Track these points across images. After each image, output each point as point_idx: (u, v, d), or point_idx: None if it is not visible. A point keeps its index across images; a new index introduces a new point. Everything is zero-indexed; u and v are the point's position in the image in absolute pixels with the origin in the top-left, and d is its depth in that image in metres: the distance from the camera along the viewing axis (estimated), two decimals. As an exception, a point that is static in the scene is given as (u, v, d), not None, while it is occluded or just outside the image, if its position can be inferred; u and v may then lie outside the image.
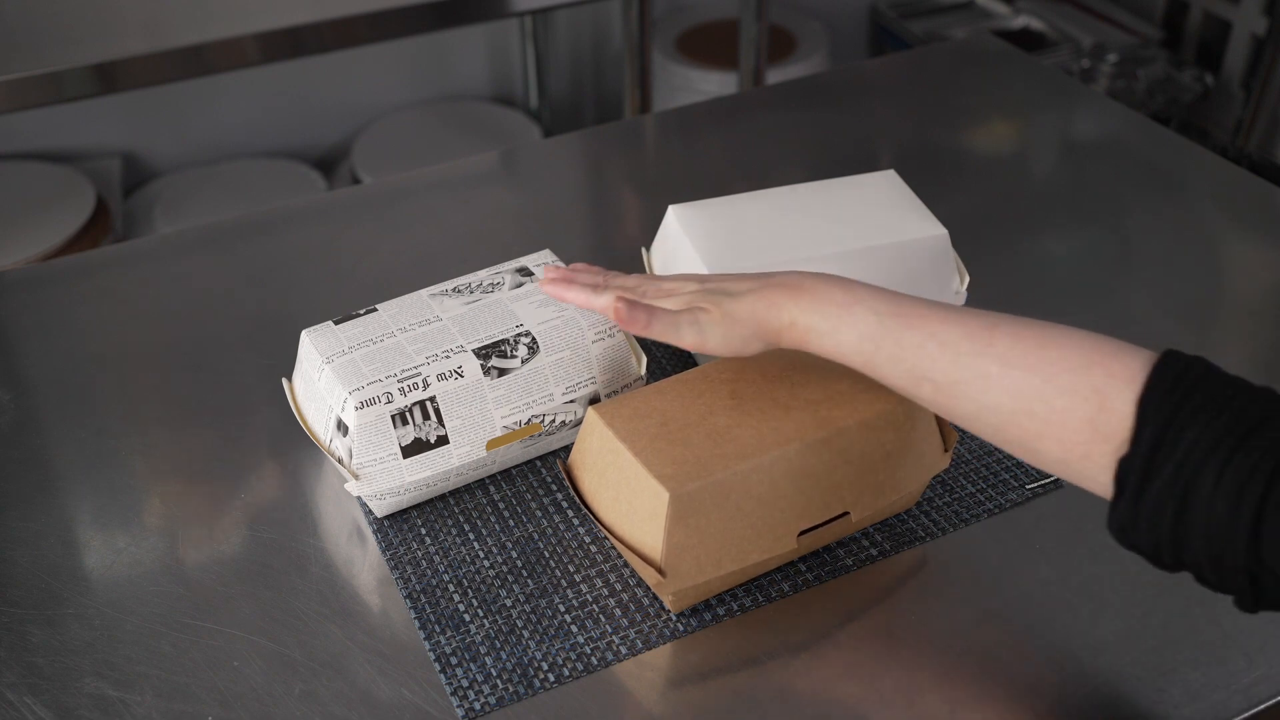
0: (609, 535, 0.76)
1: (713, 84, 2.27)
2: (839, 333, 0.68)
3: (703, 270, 0.90)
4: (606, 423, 0.75)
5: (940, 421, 0.81)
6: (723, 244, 0.92)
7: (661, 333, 0.73)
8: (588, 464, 0.78)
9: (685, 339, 0.72)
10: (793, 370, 0.79)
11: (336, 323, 0.86)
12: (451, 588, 0.79)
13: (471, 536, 0.83)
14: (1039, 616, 0.77)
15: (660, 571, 0.72)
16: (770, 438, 0.74)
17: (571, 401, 0.85)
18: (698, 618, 0.77)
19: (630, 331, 0.74)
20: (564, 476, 0.81)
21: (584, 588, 0.79)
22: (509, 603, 0.78)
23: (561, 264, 0.91)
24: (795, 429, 0.74)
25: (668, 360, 0.97)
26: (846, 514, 0.77)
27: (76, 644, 0.76)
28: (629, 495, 0.74)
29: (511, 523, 0.84)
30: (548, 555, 0.81)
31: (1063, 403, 0.61)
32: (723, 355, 0.73)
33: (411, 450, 0.80)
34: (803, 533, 0.76)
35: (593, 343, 0.85)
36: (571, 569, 0.80)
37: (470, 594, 0.79)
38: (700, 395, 0.77)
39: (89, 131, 2.07)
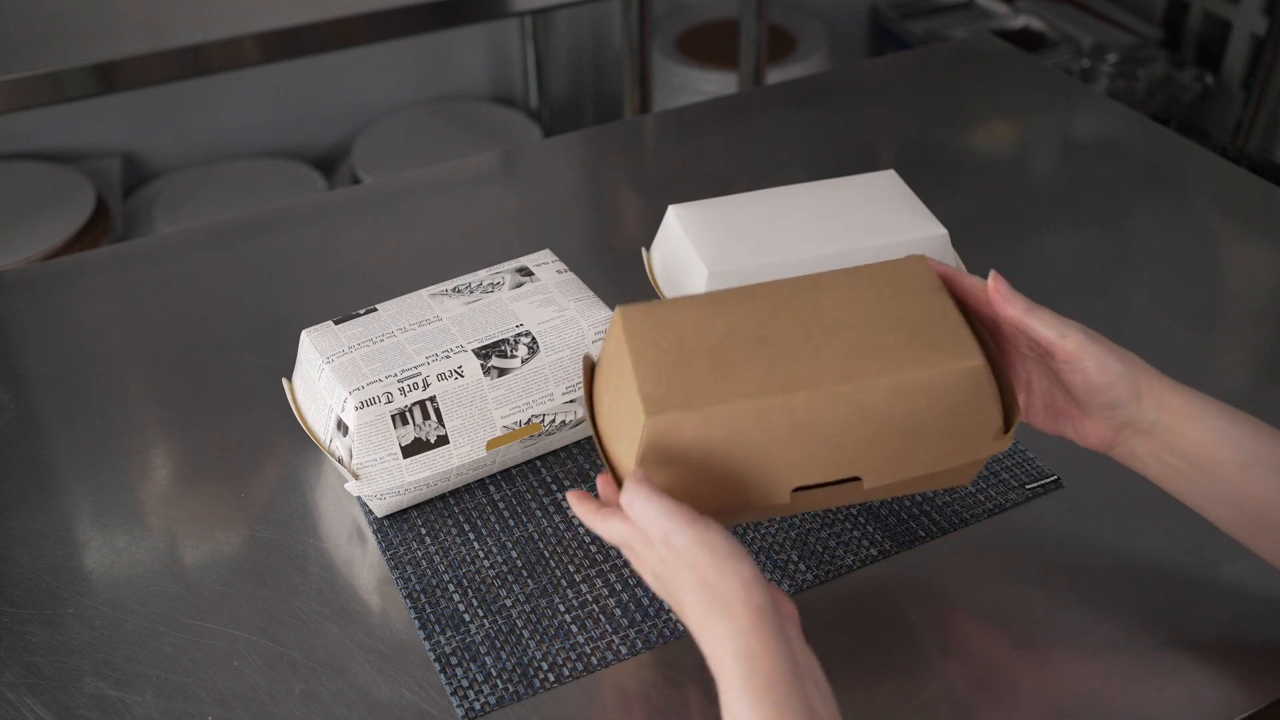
0: (596, 442, 0.71)
1: (713, 84, 2.27)
2: (1231, 427, 0.68)
3: (704, 270, 0.90)
4: (624, 325, 0.70)
5: (1006, 394, 0.71)
6: (723, 244, 0.92)
7: (1038, 324, 0.69)
8: (604, 363, 0.72)
9: (1069, 338, 0.68)
10: (849, 310, 0.70)
11: (336, 323, 0.86)
12: (451, 588, 0.79)
13: (471, 536, 0.83)
14: (1039, 616, 0.77)
15: None
16: (780, 380, 0.66)
17: (571, 401, 0.85)
18: (698, 618, 0.77)
19: (1005, 312, 0.70)
20: (583, 371, 0.75)
21: (584, 588, 0.79)
22: (509, 603, 0.78)
23: (562, 264, 0.91)
24: (813, 375, 0.66)
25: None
26: (857, 480, 0.69)
27: (76, 644, 0.76)
28: (621, 406, 0.68)
29: (511, 523, 0.84)
30: (548, 555, 0.81)
31: None
32: (1087, 376, 0.69)
33: (411, 450, 0.80)
34: (801, 489, 0.69)
35: (593, 342, 0.85)
36: (571, 569, 0.80)
37: (470, 594, 0.79)
38: (733, 313, 0.70)
39: (89, 131, 2.07)
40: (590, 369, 0.74)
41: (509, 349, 0.83)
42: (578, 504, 0.68)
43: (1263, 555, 0.70)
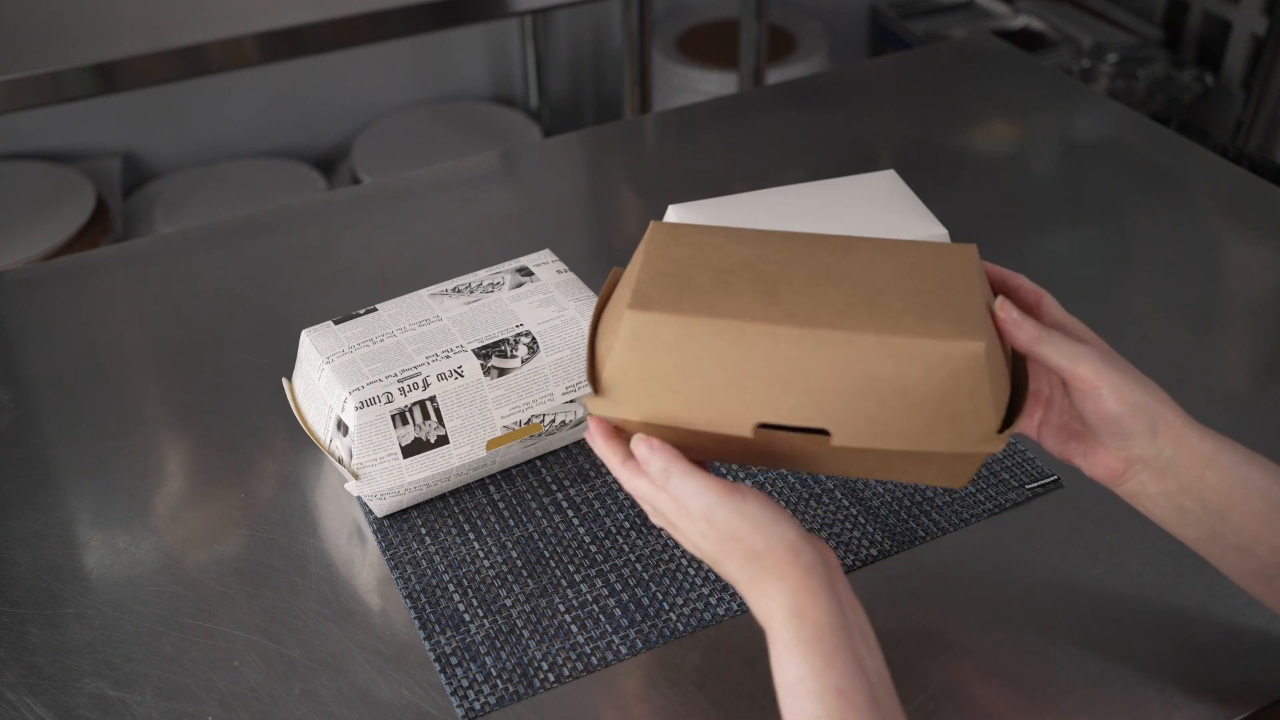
0: (587, 344, 0.70)
1: (713, 84, 2.27)
2: (1253, 473, 0.65)
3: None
4: (649, 236, 0.70)
5: (1017, 396, 0.67)
6: (723, 244, 0.91)
7: (1049, 351, 0.65)
8: (624, 275, 0.72)
9: (1081, 365, 0.65)
10: (871, 270, 0.68)
11: (336, 323, 0.86)
12: (451, 588, 0.79)
13: (471, 536, 0.83)
14: (1039, 616, 0.77)
15: (597, 388, 0.67)
16: (772, 310, 0.65)
17: (571, 401, 0.85)
18: (697, 618, 0.77)
19: (1014, 339, 0.66)
20: (607, 281, 0.74)
21: (584, 588, 0.79)
22: (509, 603, 0.78)
23: (562, 264, 0.91)
24: (807, 314, 0.64)
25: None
26: (826, 433, 0.65)
27: (76, 644, 0.76)
28: (617, 305, 0.68)
29: (511, 523, 0.84)
30: (548, 555, 0.81)
31: None
32: (1099, 404, 0.65)
33: (411, 450, 0.80)
34: (765, 427, 0.65)
35: (593, 343, 0.85)
36: (571, 569, 0.80)
37: (470, 594, 0.79)
38: (756, 247, 0.69)
39: (89, 131, 2.07)
40: (614, 282, 0.73)
41: (509, 349, 0.83)
42: (604, 444, 0.66)
43: (1272, 606, 0.68)
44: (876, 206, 0.95)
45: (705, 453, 0.69)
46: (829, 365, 0.64)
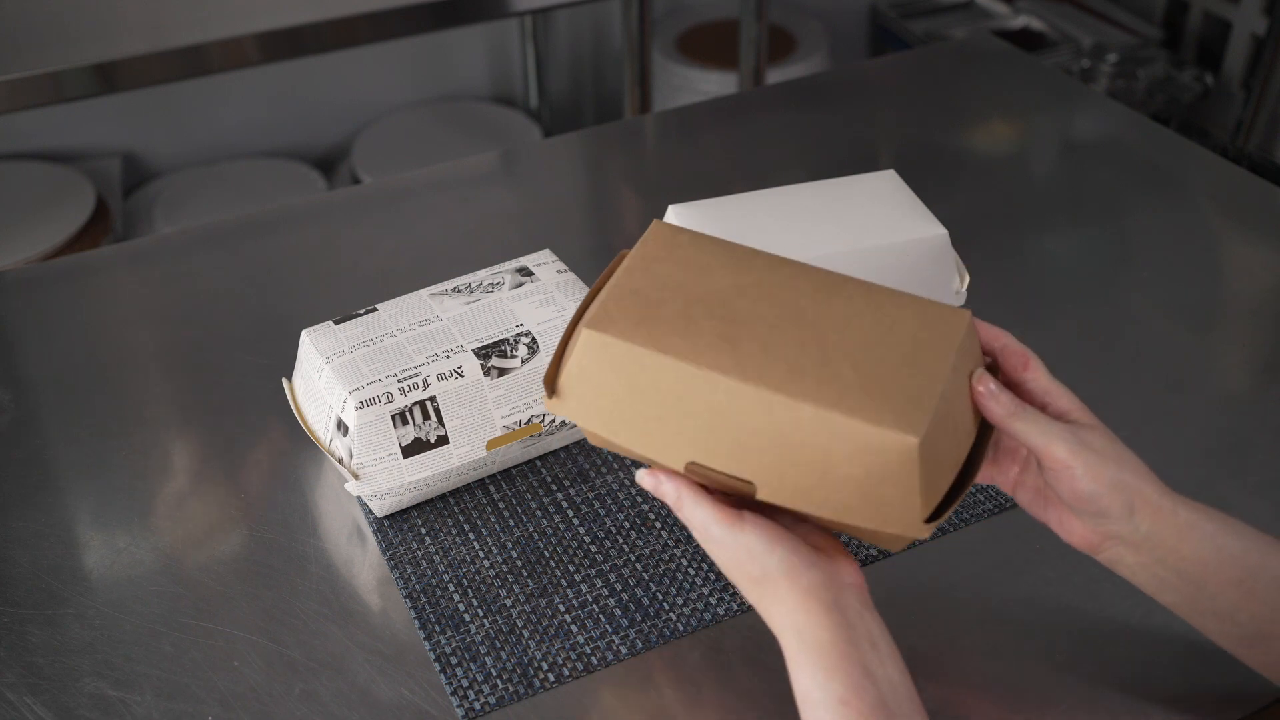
0: (564, 331, 0.71)
1: (713, 84, 2.27)
2: (1229, 541, 0.65)
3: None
4: (645, 239, 0.70)
5: (961, 483, 0.65)
6: (723, 244, 0.91)
7: (1024, 428, 0.64)
8: (616, 269, 0.71)
9: (1056, 446, 0.63)
10: (845, 327, 0.66)
11: (336, 323, 0.86)
12: (451, 588, 0.79)
13: (471, 536, 0.83)
14: (1039, 616, 0.77)
15: (553, 389, 0.67)
16: (723, 357, 0.64)
17: (571, 401, 0.85)
18: (697, 618, 0.77)
19: (989, 413, 0.65)
20: (610, 265, 0.74)
21: (584, 588, 0.79)
22: (509, 603, 0.78)
23: (562, 264, 0.91)
24: (755, 368, 0.63)
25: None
26: (752, 485, 0.65)
27: (76, 644, 0.76)
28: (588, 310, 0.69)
29: (511, 523, 0.84)
30: (548, 555, 0.81)
31: None
32: (1074, 485, 0.64)
33: (411, 450, 0.80)
34: (694, 465, 0.65)
35: (593, 343, 0.85)
36: (571, 569, 0.80)
37: (470, 594, 0.79)
38: (743, 275, 0.68)
39: (89, 131, 2.07)
40: (616, 265, 0.72)
41: (509, 349, 0.83)
42: (665, 493, 0.68)
43: (1255, 667, 0.68)
44: (876, 206, 0.95)
45: (656, 467, 0.69)
46: (763, 424, 0.63)
